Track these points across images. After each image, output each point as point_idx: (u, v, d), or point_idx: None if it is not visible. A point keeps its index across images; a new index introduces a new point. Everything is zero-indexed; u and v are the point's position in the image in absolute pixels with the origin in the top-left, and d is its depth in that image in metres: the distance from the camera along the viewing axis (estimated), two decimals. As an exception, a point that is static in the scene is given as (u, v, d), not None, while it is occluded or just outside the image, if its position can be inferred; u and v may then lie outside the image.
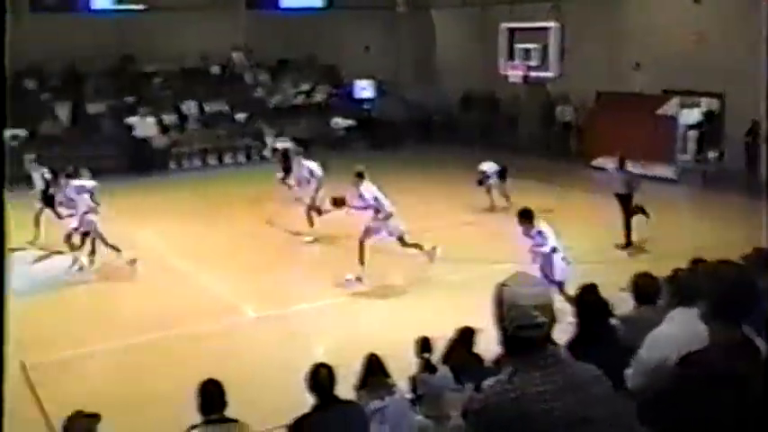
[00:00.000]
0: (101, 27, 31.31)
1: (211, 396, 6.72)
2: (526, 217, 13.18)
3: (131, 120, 29.94)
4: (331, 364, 7.08)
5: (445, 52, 35.40)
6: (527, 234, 13.15)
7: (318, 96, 33.88)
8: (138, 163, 28.92)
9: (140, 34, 31.48)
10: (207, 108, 32.26)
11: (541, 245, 12.99)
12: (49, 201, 18.94)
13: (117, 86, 32.00)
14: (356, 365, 8.13)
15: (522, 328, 3.38)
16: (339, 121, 32.62)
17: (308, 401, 6.93)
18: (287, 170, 21.77)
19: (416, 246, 15.85)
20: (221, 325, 13.66)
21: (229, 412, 6.80)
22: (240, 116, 32.05)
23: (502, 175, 20.90)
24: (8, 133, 29.00)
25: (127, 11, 32.35)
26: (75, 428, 5.96)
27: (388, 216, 15.41)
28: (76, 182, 17.45)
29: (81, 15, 32.06)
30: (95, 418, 6.08)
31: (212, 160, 30.44)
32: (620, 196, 17.53)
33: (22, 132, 29.07)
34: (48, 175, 19.15)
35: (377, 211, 15.39)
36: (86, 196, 17.03)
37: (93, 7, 32.42)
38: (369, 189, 15.42)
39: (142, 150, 29.41)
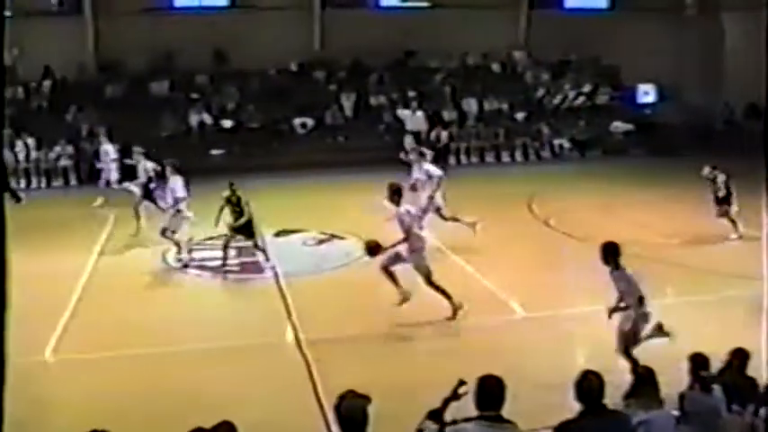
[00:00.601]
0: (387, 23, 32.22)
1: (491, 392, 6.61)
2: (610, 254, 10.77)
3: (402, 113, 30.68)
4: (597, 370, 6.96)
5: (734, 58, 33.78)
6: (612, 277, 10.82)
7: (599, 98, 33.35)
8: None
9: (424, 30, 32.14)
10: (486, 105, 32.52)
11: (624, 292, 10.77)
12: (148, 193, 19.81)
13: (399, 80, 32.87)
14: (622, 374, 7.94)
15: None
16: (619, 125, 31.98)
17: (570, 404, 6.84)
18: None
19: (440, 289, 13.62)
20: (489, 320, 13.72)
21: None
22: (519, 115, 32.09)
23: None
24: (297, 121, 30.56)
25: (412, 8, 33.17)
26: (347, 407, 6.11)
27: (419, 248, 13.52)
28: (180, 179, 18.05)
29: (369, 11, 33.16)
30: (367, 399, 6.18)
31: (490, 157, 30.65)
32: None
33: (309, 120, 30.54)
34: (152, 172, 19.77)
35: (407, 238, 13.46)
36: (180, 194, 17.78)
37: (381, 4, 33.44)
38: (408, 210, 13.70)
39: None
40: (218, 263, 17.19)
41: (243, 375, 11.65)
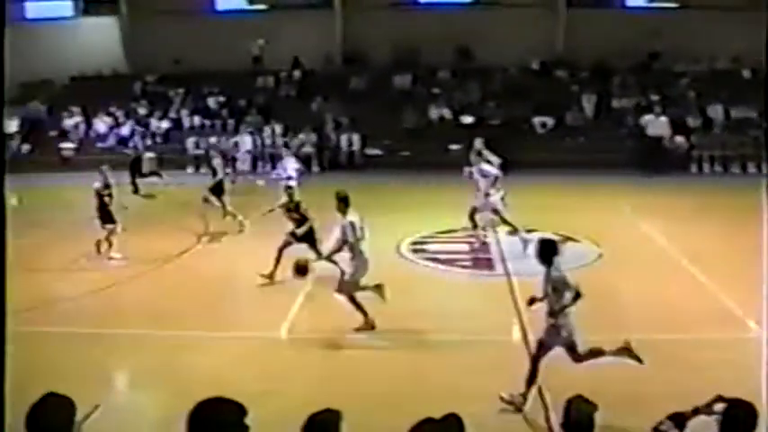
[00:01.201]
0: (632, 23, 31.71)
1: (739, 420, 6.08)
2: (545, 252, 10.08)
3: (645, 118, 30.06)
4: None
5: None
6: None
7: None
8: (650, 161, 28.89)
9: (671, 32, 31.36)
10: (733, 113, 31.32)
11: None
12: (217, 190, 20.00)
13: (642, 83, 32.23)
14: None
15: None
16: None
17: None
18: None
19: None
20: (721, 336, 13.28)
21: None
22: (769, 125, 30.75)
23: None
24: (537, 120, 30.56)
25: (660, 8, 32.47)
26: (575, 412, 6.11)
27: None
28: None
29: (615, 11, 32.72)
30: (594, 406, 6.15)
31: (735, 168, 29.47)
32: None
33: (549, 120, 30.48)
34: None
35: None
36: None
37: (627, 4, 32.98)
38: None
39: (655, 149, 29.37)
40: (450, 256, 17.51)
41: (468, 368, 11.80)
